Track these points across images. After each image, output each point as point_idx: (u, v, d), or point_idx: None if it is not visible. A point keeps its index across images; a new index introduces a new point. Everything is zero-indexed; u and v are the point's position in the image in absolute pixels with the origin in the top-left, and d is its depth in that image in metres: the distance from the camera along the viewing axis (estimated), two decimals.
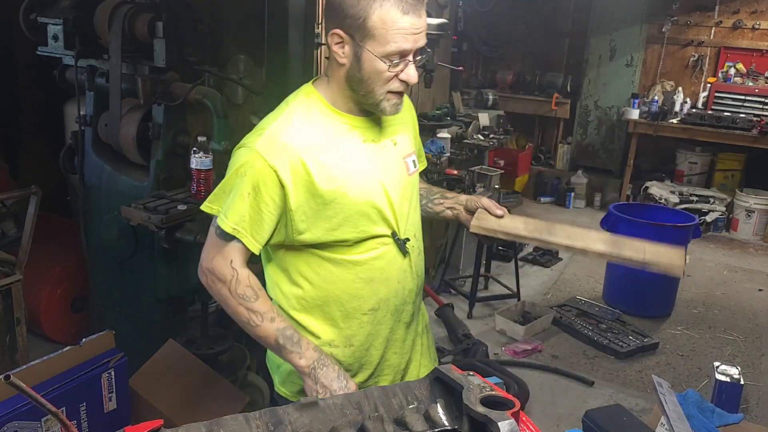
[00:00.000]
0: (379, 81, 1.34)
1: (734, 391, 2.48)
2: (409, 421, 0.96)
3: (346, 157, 1.39)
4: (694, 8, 6.38)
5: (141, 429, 0.88)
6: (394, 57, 1.31)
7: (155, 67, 2.44)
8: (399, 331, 1.55)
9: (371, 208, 1.41)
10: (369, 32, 1.29)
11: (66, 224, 3.19)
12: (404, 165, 1.51)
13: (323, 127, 1.40)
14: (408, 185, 1.51)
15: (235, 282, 1.37)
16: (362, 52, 1.31)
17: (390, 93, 1.36)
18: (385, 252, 1.46)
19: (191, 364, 2.35)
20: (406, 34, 1.30)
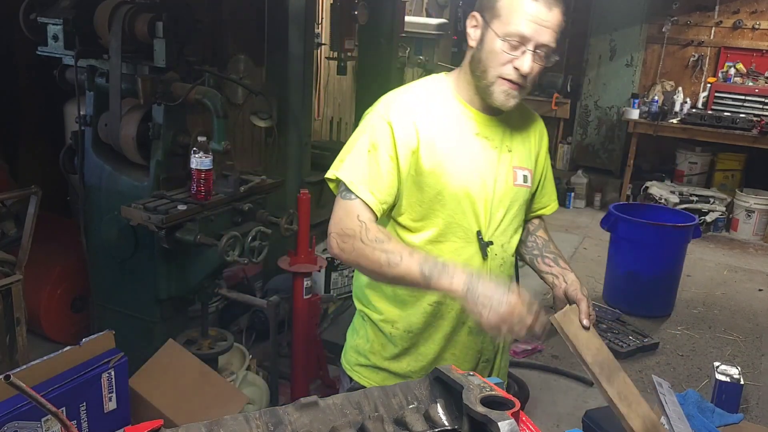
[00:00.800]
0: (494, 62, 1.36)
1: (734, 391, 2.48)
2: (409, 421, 0.96)
3: (454, 141, 1.42)
4: (694, 8, 6.38)
5: (141, 429, 0.88)
6: (512, 40, 1.33)
7: (155, 67, 2.44)
8: (461, 335, 1.54)
9: (465, 196, 1.43)
10: (497, 12, 1.34)
11: (66, 224, 3.19)
12: (512, 173, 1.50)
13: (442, 107, 1.44)
14: (509, 194, 1.50)
15: (365, 231, 1.35)
16: (487, 32, 1.36)
17: (501, 78, 1.37)
18: (464, 248, 1.46)
19: (191, 364, 2.35)
20: (529, 20, 1.32)
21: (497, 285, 1.25)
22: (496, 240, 1.49)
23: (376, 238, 1.34)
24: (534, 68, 1.36)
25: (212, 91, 2.48)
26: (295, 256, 2.87)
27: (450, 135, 1.43)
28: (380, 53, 4.10)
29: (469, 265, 1.44)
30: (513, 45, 1.34)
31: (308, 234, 2.88)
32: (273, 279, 3.48)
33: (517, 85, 1.38)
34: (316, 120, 4.62)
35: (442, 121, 1.43)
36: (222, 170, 2.57)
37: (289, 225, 2.66)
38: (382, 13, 4.00)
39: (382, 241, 1.33)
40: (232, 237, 2.34)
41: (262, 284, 3.60)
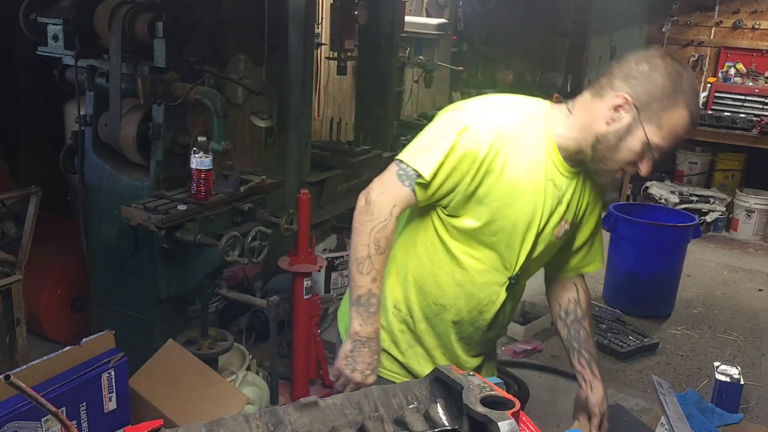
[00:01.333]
0: (625, 156, 1.37)
1: (734, 391, 2.48)
2: (409, 421, 0.96)
3: (529, 179, 1.42)
4: (694, 8, 6.39)
5: (141, 429, 0.88)
6: (656, 152, 1.36)
7: (155, 67, 2.44)
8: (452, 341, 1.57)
9: (516, 232, 1.45)
10: (657, 120, 1.33)
11: (66, 224, 3.19)
12: (559, 224, 1.51)
13: (532, 142, 1.41)
14: (549, 241, 1.52)
15: (381, 226, 1.40)
16: (636, 129, 1.35)
17: (618, 170, 1.41)
18: (491, 273, 1.49)
19: (191, 364, 2.35)
20: (673, 140, 1.36)
21: (371, 362, 1.40)
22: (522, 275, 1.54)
23: (377, 241, 1.40)
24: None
25: (212, 91, 2.48)
26: (295, 256, 2.87)
27: (528, 174, 1.42)
28: (380, 53, 4.10)
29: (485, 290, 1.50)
30: (645, 151, 1.37)
31: (308, 234, 2.88)
32: (273, 279, 3.47)
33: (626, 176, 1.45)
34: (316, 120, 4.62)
35: (528, 159, 1.42)
36: (222, 170, 2.57)
37: (289, 225, 2.66)
38: (382, 13, 4.00)
39: (378, 248, 1.40)
40: (232, 237, 2.34)
41: (262, 284, 3.60)
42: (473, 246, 1.47)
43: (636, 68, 1.36)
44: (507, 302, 1.56)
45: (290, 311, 2.92)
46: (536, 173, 1.42)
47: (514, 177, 1.40)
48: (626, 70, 1.37)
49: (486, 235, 1.45)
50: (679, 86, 1.33)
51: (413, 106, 5.98)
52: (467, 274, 1.49)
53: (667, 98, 1.32)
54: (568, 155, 1.44)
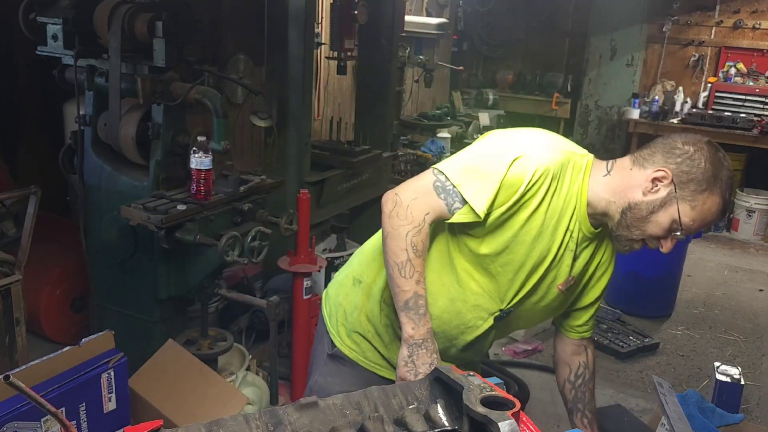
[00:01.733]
0: (652, 230, 1.39)
1: (735, 392, 2.48)
2: (409, 422, 0.96)
3: (552, 222, 1.42)
4: (694, 8, 6.38)
5: (141, 429, 0.87)
6: (676, 229, 1.38)
7: (155, 66, 2.44)
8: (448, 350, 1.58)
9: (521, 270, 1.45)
10: (692, 200, 1.35)
11: (66, 224, 3.18)
12: (565, 278, 1.51)
13: (567, 189, 1.42)
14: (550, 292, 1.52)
15: (416, 230, 1.38)
16: (671, 204, 1.36)
17: (639, 240, 1.42)
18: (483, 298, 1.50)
19: (191, 364, 2.35)
20: (705, 225, 1.39)
21: (431, 363, 1.36)
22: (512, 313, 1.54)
23: (414, 244, 1.38)
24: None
25: (212, 90, 2.48)
26: (295, 256, 2.87)
27: (553, 218, 1.42)
28: (380, 53, 4.09)
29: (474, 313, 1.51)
30: (673, 229, 1.39)
31: (308, 234, 2.88)
32: (273, 279, 3.47)
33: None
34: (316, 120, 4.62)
35: (559, 205, 1.42)
36: (222, 170, 2.57)
37: (288, 225, 2.65)
38: (382, 13, 4.00)
39: (416, 251, 1.38)
40: (232, 237, 2.34)
41: (262, 284, 3.60)
42: (477, 269, 1.47)
43: (681, 147, 1.38)
44: (490, 332, 1.56)
45: (290, 311, 2.92)
46: (561, 220, 1.43)
47: (544, 217, 1.41)
48: (671, 147, 1.39)
49: (494, 264, 1.45)
50: (719, 174, 1.35)
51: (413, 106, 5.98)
52: (462, 292, 1.49)
53: (706, 182, 1.35)
54: (594, 213, 1.45)
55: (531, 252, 1.43)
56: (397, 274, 1.39)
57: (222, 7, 3.86)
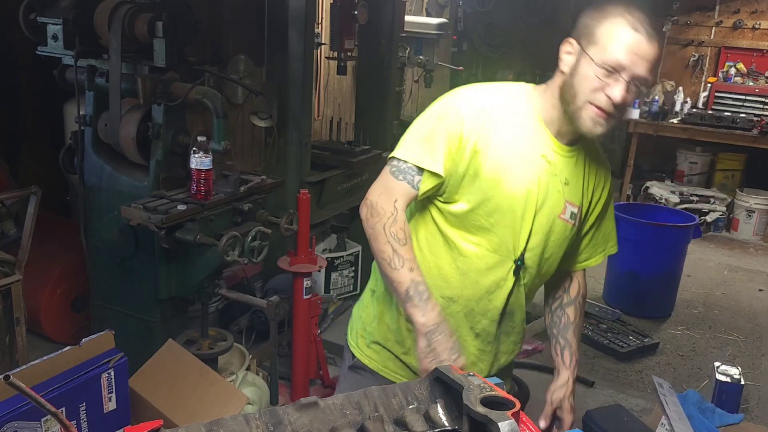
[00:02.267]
0: (586, 87, 1.35)
1: (734, 392, 2.48)
2: (409, 421, 0.96)
3: (519, 155, 1.43)
4: (694, 8, 6.38)
5: (141, 429, 0.88)
6: (608, 67, 1.33)
7: (155, 67, 2.44)
8: (467, 338, 1.55)
9: (512, 213, 1.43)
10: (595, 39, 1.34)
11: (66, 224, 3.19)
12: (562, 205, 1.48)
13: (519, 120, 1.45)
14: (553, 224, 1.49)
15: (392, 220, 1.41)
16: (582, 58, 1.36)
17: (591, 104, 1.36)
18: (493, 258, 1.47)
19: (191, 364, 2.35)
20: (628, 50, 1.32)
21: (453, 346, 1.35)
22: (530, 263, 1.51)
23: (395, 235, 1.40)
24: (627, 99, 1.35)
25: (212, 91, 2.48)
26: (295, 256, 2.87)
27: (517, 149, 1.43)
28: (380, 53, 4.10)
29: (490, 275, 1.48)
30: (608, 72, 1.33)
31: (308, 234, 2.88)
32: (273, 279, 3.47)
33: (606, 114, 1.37)
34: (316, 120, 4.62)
35: (514, 132, 1.43)
36: (222, 170, 2.57)
37: (289, 225, 2.66)
38: (382, 13, 4.00)
39: (399, 240, 1.40)
40: (232, 237, 2.34)
41: (262, 284, 3.60)
42: (471, 231, 1.46)
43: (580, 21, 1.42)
44: (517, 289, 1.52)
45: (290, 311, 2.92)
46: (525, 148, 1.43)
47: (501, 152, 1.41)
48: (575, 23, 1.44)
49: (482, 217, 1.44)
50: (607, 8, 1.36)
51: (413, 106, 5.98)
52: (469, 261, 1.47)
53: (599, 15, 1.36)
54: (558, 132, 1.46)
55: (510, 188, 1.42)
56: (389, 270, 1.39)
57: (222, 8, 3.86)
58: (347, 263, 3.86)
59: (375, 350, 1.62)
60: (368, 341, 1.63)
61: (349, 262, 3.86)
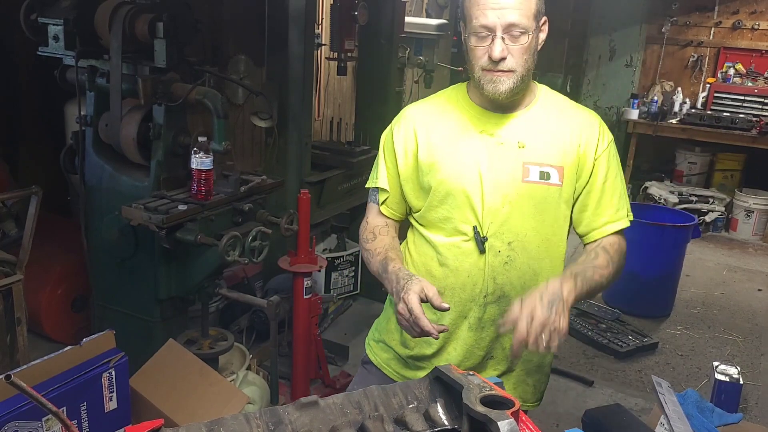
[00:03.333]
0: (473, 59, 1.43)
1: (733, 391, 2.49)
2: (409, 421, 0.96)
3: (453, 138, 1.51)
4: (693, 9, 6.39)
5: (141, 429, 0.88)
6: (478, 32, 1.39)
7: (156, 67, 2.44)
8: (462, 330, 1.55)
9: (460, 191, 1.48)
10: (464, 14, 1.43)
11: (66, 224, 3.19)
12: (521, 169, 1.47)
13: (450, 110, 1.54)
14: (516, 191, 1.47)
15: (363, 230, 1.64)
16: (464, 34, 1.45)
17: (484, 71, 1.42)
18: (463, 241, 1.51)
19: (192, 363, 2.35)
20: (486, 9, 1.38)
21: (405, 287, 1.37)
22: (499, 236, 1.48)
23: (366, 238, 1.61)
24: (513, 50, 1.39)
25: (212, 91, 2.49)
26: (295, 256, 2.87)
27: (449, 133, 1.51)
28: (380, 53, 4.10)
29: (466, 260, 1.50)
30: (482, 37, 1.40)
31: (308, 234, 2.88)
32: (273, 279, 3.48)
33: (500, 71, 1.40)
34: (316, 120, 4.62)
35: (445, 121, 1.53)
36: (222, 170, 2.57)
37: (289, 225, 2.66)
38: (382, 13, 4.00)
39: (367, 240, 1.60)
40: (233, 237, 2.34)
41: (262, 284, 3.60)
42: (437, 223, 1.54)
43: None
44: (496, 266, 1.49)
45: (290, 311, 2.92)
46: (461, 130, 1.51)
47: (436, 142, 1.51)
48: None
49: (438, 207, 1.51)
50: None
51: None
52: (445, 250, 1.53)
53: None
54: (483, 103, 1.51)
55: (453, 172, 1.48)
56: (369, 267, 1.57)
57: (222, 8, 3.86)
58: (347, 263, 3.86)
59: (381, 348, 1.67)
60: (377, 338, 1.69)
61: (349, 261, 3.87)
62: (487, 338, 1.56)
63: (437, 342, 1.55)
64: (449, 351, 1.57)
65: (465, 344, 1.56)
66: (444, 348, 1.57)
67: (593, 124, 1.56)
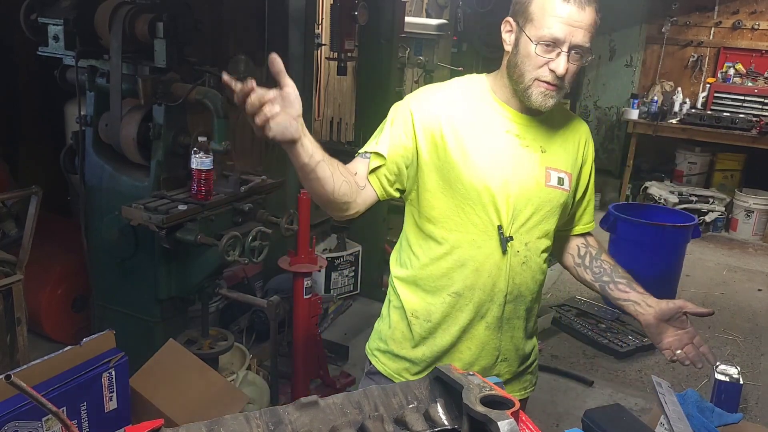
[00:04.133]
0: (529, 66, 1.39)
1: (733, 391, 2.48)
2: (409, 421, 0.96)
3: (481, 135, 1.46)
4: (693, 9, 6.39)
5: (141, 429, 0.88)
6: (546, 42, 1.36)
7: (156, 67, 2.45)
8: (479, 329, 1.55)
9: (486, 191, 1.45)
10: (529, 16, 1.37)
11: (66, 224, 3.19)
12: (543, 174, 1.49)
13: (474, 102, 1.49)
14: (539, 194, 1.49)
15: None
16: (521, 36, 1.39)
17: (538, 81, 1.39)
18: (485, 241, 1.48)
19: (192, 363, 2.35)
20: (562, 23, 1.34)
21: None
22: (519, 237, 1.49)
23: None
24: (570, 69, 1.38)
25: (213, 91, 2.49)
26: (295, 256, 2.87)
27: (477, 129, 1.46)
28: (380, 53, 4.10)
29: (488, 260, 1.49)
30: (547, 48, 1.36)
31: (308, 234, 2.88)
32: (273, 279, 3.48)
33: (554, 86, 1.39)
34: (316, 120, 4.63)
35: (472, 115, 1.47)
36: (222, 170, 2.57)
37: (289, 225, 2.66)
38: (382, 13, 4.00)
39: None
40: (233, 237, 2.34)
41: (262, 284, 3.60)
42: (456, 221, 1.48)
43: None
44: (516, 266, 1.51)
45: (290, 311, 2.92)
46: (487, 128, 1.47)
47: (465, 137, 1.44)
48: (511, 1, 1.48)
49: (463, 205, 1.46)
50: None
51: None
52: (463, 250, 1.49)
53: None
54: (510, 102, 1.48)
55: (483, 171, 1.44)
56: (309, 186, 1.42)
57: (222, 8, 3.86)
58: (347, 263, 3.86)
59: (389, 358, 1.63)
60: (383, 349, 1.65)
61: (349, 261, 3.87)
62: (503, 337, 1.57)
63: (449, 341, 1.55)
64: (462, 350, 1.56)
65: (480, 343, 1.56)
66: (456, 347, 1.56)
67: (587, 132, 1.63)
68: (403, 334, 1.60)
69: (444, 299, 1.53)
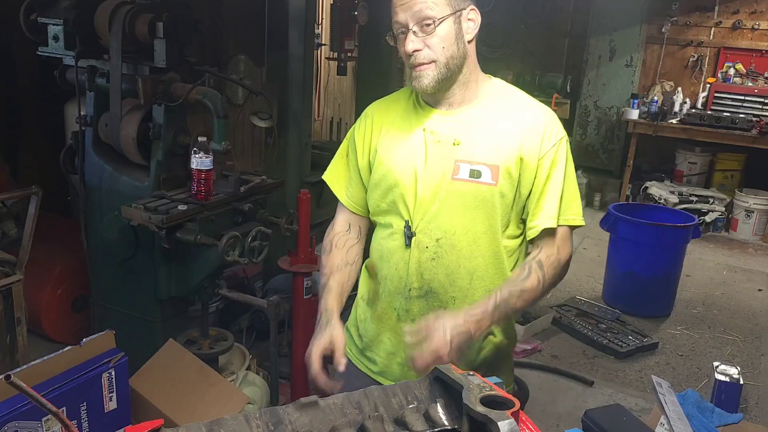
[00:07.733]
0: (402, 56, 1.45)
1: (734, 391, 2.48)
2: (409, 421, 0.96)
3: (400, 134, 1.54)
4: (693, 9, 6.39)
5: (141, 429, 0.88)
6: (399, 31, 1.44)
7: (155, 67, 2.45)
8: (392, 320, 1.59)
9: (397, 187, 1.51)
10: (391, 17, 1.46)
11: (66, 224, 3.19)
12: (452, 167, 1.45)
13: (402, 106, 1.58)
14: (446, 188, 1.45)
15: (326, 235, 1.66)
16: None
17: (409, 68, 1.45)
18: (396, 234, 1.54)
19: (192, 363, 2.35)
20: (398, 7, 1.42)
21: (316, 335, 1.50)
22: (428, 232, 1.48)
23: (324, 247, 1.64)
24: (428, 42, 1.40)
25: (212, 91, 2.49)
26: (295, 256, 2.87)
27: (398, 129, 1.55)
28: (380, 53, 4.10)
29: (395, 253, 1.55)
30: (402, 36, 1.43)
31: (308, 234, 2.88)
32: (273, 279, 3.48)
33: (420, 65, 1.42)
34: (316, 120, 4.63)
35: (398, 118, 1.56)
36: (222, 170, 2.57)
37: (289, 225, 2.66)
38: (382, 13, 4.00)
39: (324, 250, 1.64)
40: (233, 237, 2.34)
41: (262, 284, 3.60)
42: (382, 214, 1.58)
43: None
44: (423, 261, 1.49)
45: (290, 311, 2.92)
46: (408, 126, 1.53)
47: (388, 137, 1.55)
48: None
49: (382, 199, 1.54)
50: None
51: None
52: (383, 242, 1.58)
53: None
54: (439, 102, 1.51)
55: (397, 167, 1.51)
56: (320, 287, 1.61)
57: (222, 8, 3.87)
58: None
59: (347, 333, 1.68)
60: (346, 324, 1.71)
61: None
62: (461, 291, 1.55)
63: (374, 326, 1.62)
64: (383, 340, 1.61)
65: (397, 334, 1.56)
66: (379, 337, 1.61)
67: (539, 123, 1.47)
68: (355, 318, 1.70)
69: (374, 285, 1.62)
